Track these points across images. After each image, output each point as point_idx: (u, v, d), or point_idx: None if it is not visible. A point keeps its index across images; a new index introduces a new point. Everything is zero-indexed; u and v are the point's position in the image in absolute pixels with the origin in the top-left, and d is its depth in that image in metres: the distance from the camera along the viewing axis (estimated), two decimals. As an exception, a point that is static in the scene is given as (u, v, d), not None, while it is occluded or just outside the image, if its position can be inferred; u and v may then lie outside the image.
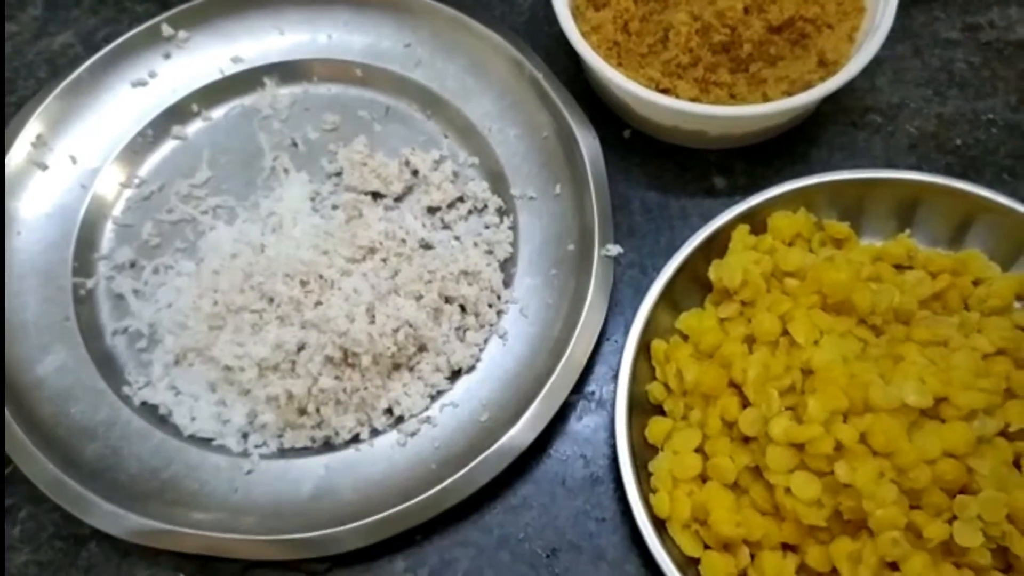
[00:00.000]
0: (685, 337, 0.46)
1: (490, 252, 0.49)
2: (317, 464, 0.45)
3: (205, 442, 0.45)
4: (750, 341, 0.44)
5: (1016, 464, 0.41)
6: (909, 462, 0.39)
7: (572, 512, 0.45)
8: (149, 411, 0.46)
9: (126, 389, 0.47)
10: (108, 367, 0.47)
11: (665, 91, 0.48)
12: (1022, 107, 0.53)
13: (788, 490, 0.40)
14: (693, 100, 0.48)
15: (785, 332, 0.43)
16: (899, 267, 0.47)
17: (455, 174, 0.51)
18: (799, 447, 0.40)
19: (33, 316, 0.48)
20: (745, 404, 0.42)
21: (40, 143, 0.51)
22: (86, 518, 0.42)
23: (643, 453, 0.44)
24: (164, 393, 0.46)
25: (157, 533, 0.42)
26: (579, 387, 0.47)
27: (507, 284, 0.49)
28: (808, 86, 0.47)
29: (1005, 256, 0.47)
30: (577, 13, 0.50)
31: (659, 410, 0.45)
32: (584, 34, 0.49)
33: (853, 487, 0.38)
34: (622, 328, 0.45)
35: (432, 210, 0.51)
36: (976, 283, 0.47)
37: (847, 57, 0.48)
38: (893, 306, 0.44)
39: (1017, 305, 0.47)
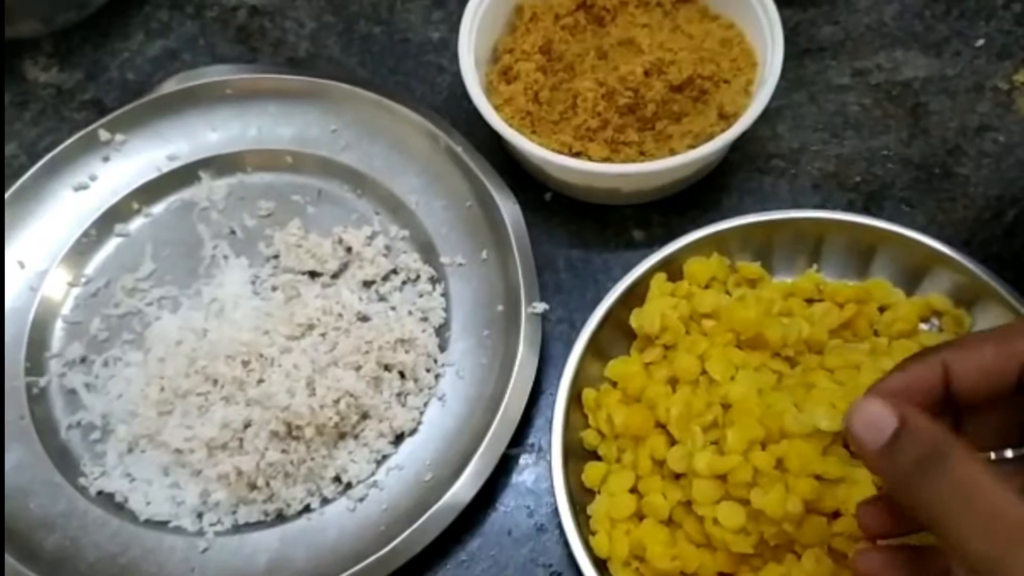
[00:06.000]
0: (614, 384, 0.48)
1: (425, 319, 0.51)
2: (271, 537, 0.46)
3: (161, 524, 0.47)
4: (674, 382, 0.47)
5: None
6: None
7: (520, 561, 0.47)
8: (105, 499, 0.48)
9: (82, 480, 0.48)
10: (64, 460, 0.49)
11: (578, 154, 0.51)
12: (914, 142, 0.56)
13: (716, 521, 0.42)
14: (605, 160, 0.51)
15: (704, 371, 0.46)
16: (810, 300, 0.50)
17: (387, 248, 0.54)
18: (723, 478, 0.42)
19: (-10, 417, 0.49)
20: (673, 442, 0.45)
21: (-13, 251, 0.53)
22: (48, 609, 0.44)
23: (582, 498, 0.46)
24: (119, 481, 0.48)
25: (117, 617, 0.43)
26: (519, 440, 0.49)
27: (443, 348, 0.51)
28: (711, 138, 0.50)
29: (908, 282, 0.50)
30: (490, 88, 0.54)
31: (594, 455, 0.47)
32: (497, 107, 0.52)
33: (764, 511, 0.41)
34: (556, 381, 0.47)
35: (367, 284, 0.53)
36: (882, 309, 0.49)
37: (744, 109, 0.51)
38: (803, 337, 0.47)
39: (924, 327, 0.50)
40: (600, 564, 0.44)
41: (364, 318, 0.51)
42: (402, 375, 0.50)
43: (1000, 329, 0.33)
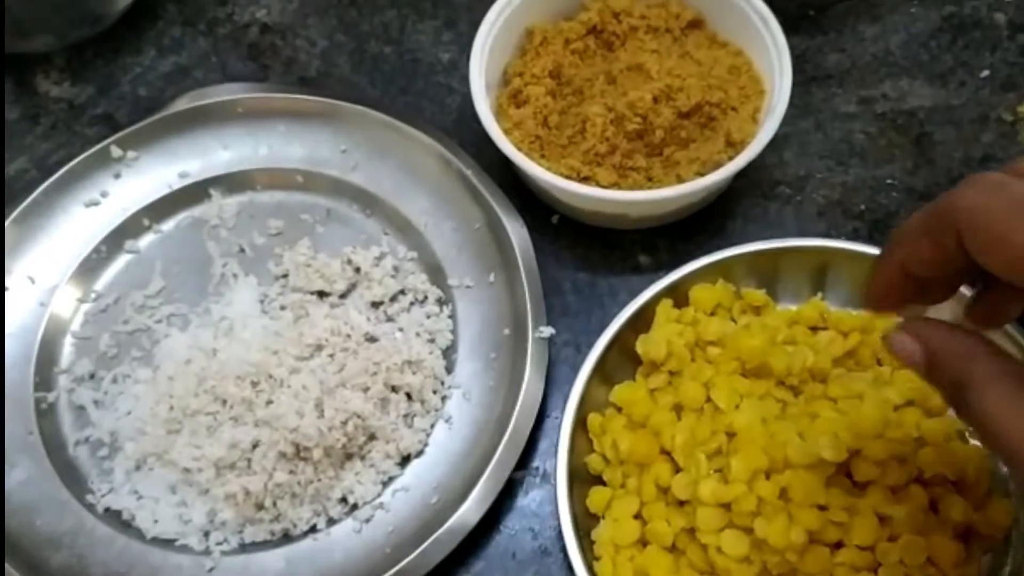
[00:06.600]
0: (619, 409, 0.49)
1: (432, 341, 0.52)
2: (277, 557, 0.47)
3: (168, 543, 0.47)
4: (679, 409, 0.47)
5: (934, 508, 0.44)
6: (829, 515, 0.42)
7: (524, 585, 0.47)
8: (112, 517, 0.48)
9: (89, 497, 0.48)
10: (71, 477, 0.49)
11: (586, 179, 0.52)
12: (918, 171, 0.57)
13: (719, 549, 0.42)
14: (612, 185, 0.51)
15: (709, 398, 0.46)
16: (814, 328, 0.50)
17: (395, 269, 0.54)
18: (726, 507, 0.42)
19: (-3, 433, 0.49)
20: (677, 469, 0.45)
21: (-1, 266, 0.53)
22: (54, 626, 0.44)
23: (586, 523, 0.46)
24: (127, 498, 0.48)
25: (123, 636, 0.44)
26: (524, 463, 0.49)
27: (449, 370, 0.51)
28: (718, 165, 0.51)
29: (912, 311, 0.50)
30: (500, 112, 0.54)
31: (599, 480, 0.48)
32: (507, 131, 0.52)
33: (767, 541, 0.41)
34: (561, 404, 0.48)
35: (375, 304, 0.53)
36: (886, 338, 0.50)
37: (752, 136, 0.51)
38: (808, 366, 0.47)
39: (926, 356, 0.50)
40: (604, 590, 0.44)
41: (372, 339, 0.52)
42: (409, 397, 0.50)
43: (933, 217, 0.31)
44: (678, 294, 0.50)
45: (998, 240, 0.28)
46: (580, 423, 0.48)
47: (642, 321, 0.50)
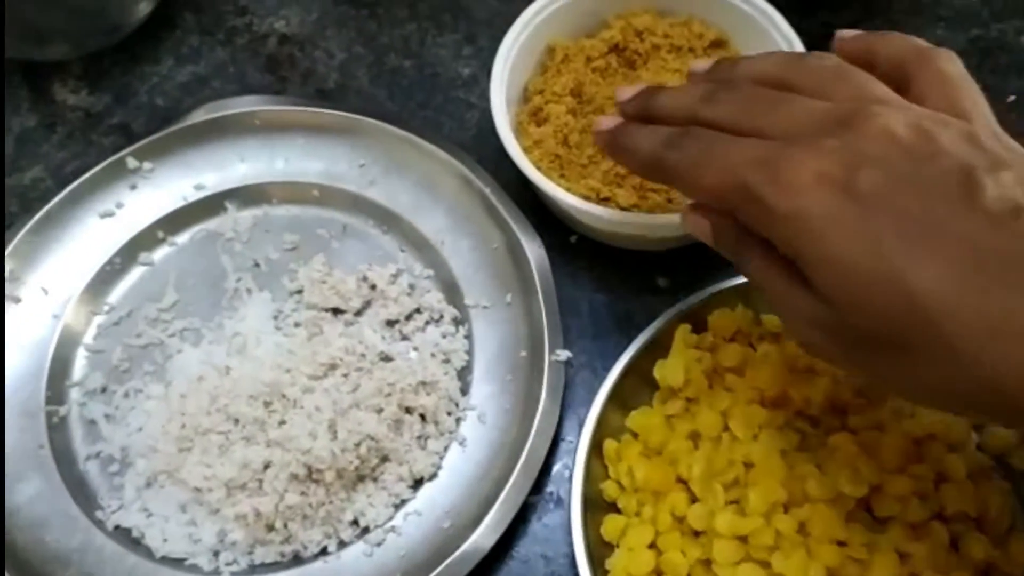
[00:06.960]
0: (635, 435, 0.48)
1: (447, 361, 0.51)
2: (287, 579, 0.46)
3: (177, 562, 0.47)
4: (696, 437, 0.46)
5: (954, 546, 0.43)
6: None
7: (535, 612, 0.47)
8: (122, 534, 0.48)
9: (99, 514, 0.48)
10: (81, 492, 0.49)
11: (606, 199, 0.51)
12: (943, 197, 0.56)
13: (736, 582, 0.42)
14: (632, 207, 0.51)
15: (727, 427, 0.46)
16: (835, 357, 0.50)
17: (411, 287, 0.54)
18: (744, 539, 0.42)
19: (9, 446, 0.49)
20: (694, 499, 0.44)
21: (13, 277, 0.53)
22: (62, 645, 0.44)
23: (600, 551, 0.45)
24: (136, 516, 0.48)
25: (132, 656, 0.43)
26: (538, 488, 0.49)
27: (464, 392, 0.51)
28: (739, 188, 0.50)
29: (934, 340, 0.49)
30: (520, 129, 0.53)
31: (614, 507, 0.47)
32: (527, 149, 0.52)
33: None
34: (577, 428, 0.47)
35: (391, 323, 0.53)
36: (907, 368, 0.49)
37: (774, 159, 0.50)
38: (827, 396, 0.46)
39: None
40: (618, 620, 0.44)
41: (387, 358, 0.51)
42: (423, 418, 0.50)
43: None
44: (697, 319, 0.50)
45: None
46: (595, 448, 0.47)
47: (660, 345, 0.49)
